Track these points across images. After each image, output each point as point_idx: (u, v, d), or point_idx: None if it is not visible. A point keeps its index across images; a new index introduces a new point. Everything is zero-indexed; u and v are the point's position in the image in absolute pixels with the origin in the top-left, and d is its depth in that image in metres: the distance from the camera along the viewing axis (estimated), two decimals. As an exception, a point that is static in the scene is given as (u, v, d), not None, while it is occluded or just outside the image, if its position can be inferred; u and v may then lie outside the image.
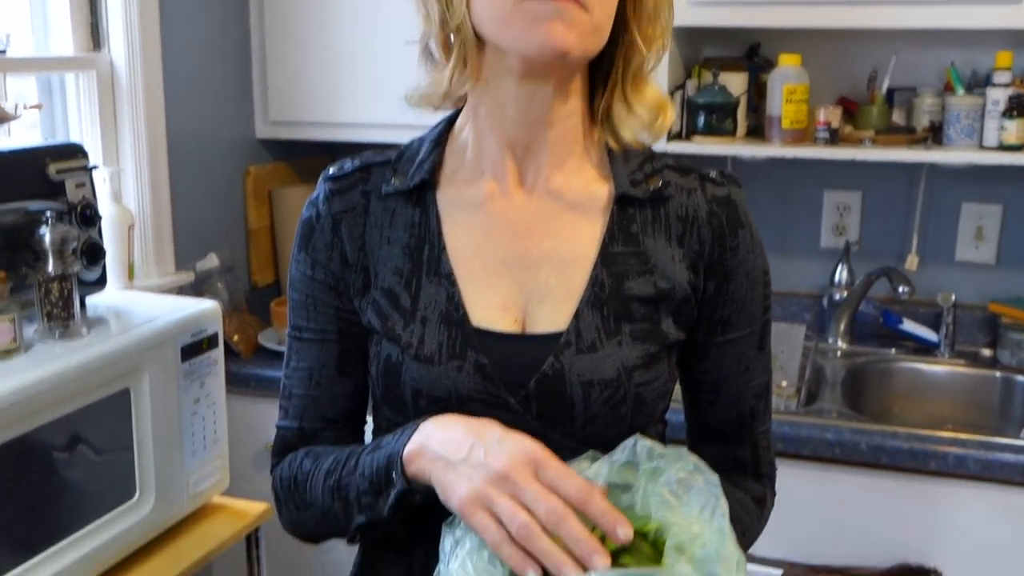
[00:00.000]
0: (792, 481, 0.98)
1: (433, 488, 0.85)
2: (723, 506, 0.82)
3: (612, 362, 0.92)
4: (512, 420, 0.91)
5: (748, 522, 1.01)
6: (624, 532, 0.80)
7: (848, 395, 2.03)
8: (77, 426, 1.37)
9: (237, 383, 2.12)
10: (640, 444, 0.88)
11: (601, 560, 0.79)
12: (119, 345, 1.40)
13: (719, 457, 1.03)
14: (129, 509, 1.44)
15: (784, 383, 1.99)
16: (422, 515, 0.90)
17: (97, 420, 1.40)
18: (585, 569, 0.79)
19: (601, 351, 0.92)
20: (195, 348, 1.53)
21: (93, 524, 1.38)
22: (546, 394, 0.92)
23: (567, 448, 0.92)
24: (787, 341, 2.10)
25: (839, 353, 2.22)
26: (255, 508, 1.61)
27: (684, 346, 0.99)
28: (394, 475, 0.87)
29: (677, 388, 1.03)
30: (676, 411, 1.05)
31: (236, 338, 2.20)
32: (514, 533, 0.79)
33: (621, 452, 0.88)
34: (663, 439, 1.04)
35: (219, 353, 1.59)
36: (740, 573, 0.79)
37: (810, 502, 1.81)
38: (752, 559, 1.27)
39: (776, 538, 1.08)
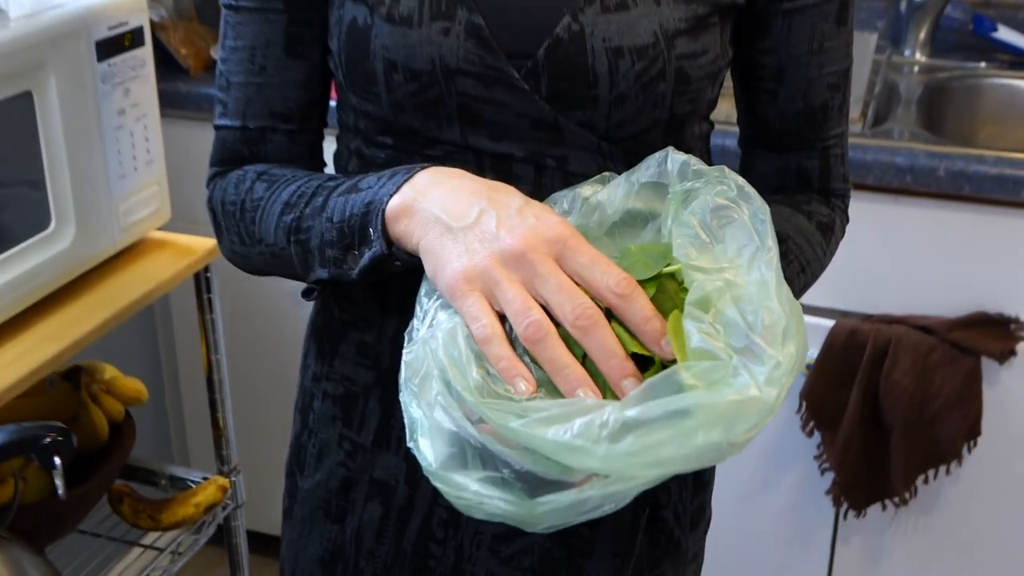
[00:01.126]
0: (853, 215, 0.91)
1: (418, 256, 0.74)
2: (770, 249, 0.69)
3: (648, 24, 0.80)
4: (515, 102, 0.81)
5: (810, 256, 0.91)
6: (670, 348, 0.67)
7: (925, 116, 1.91)
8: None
9: (186, 105, 2.00)
10: (672, 158, 0.75)
11: (635, 386, 0.66)
12: (15, 35, 1.25)
13: (778, 171, 0.95)
14: (44, 241, 1.33)
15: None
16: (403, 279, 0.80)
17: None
18: (604, 394, 0.67)
19: (634, 10, 0.80)
20: (114, 45, 1.38)
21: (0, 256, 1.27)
22: (561, 66, 0.81)
23: (587, 146, 0.82)
24: (855, 53, 1.96)
25: (916, 68, 2.09)
26: (204, 244, 1.51)
27: (741, 16, 0.87)
28: (371, 232, 0.77)
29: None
30: (722, 133, 0.91)
31: (183, 51, 2.05)
32: (520, 332, 0.68)
33: (645, 169, 0.76)
34: (707, 146, 0.93)
35: (146, 54, 1.44)
36: (790, 343, 0.66)
37: (871, 240, 1.73)
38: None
39: (827, 282, 1.01)
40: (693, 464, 0.64)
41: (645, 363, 0.69)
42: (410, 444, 0.69)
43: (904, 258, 1.74)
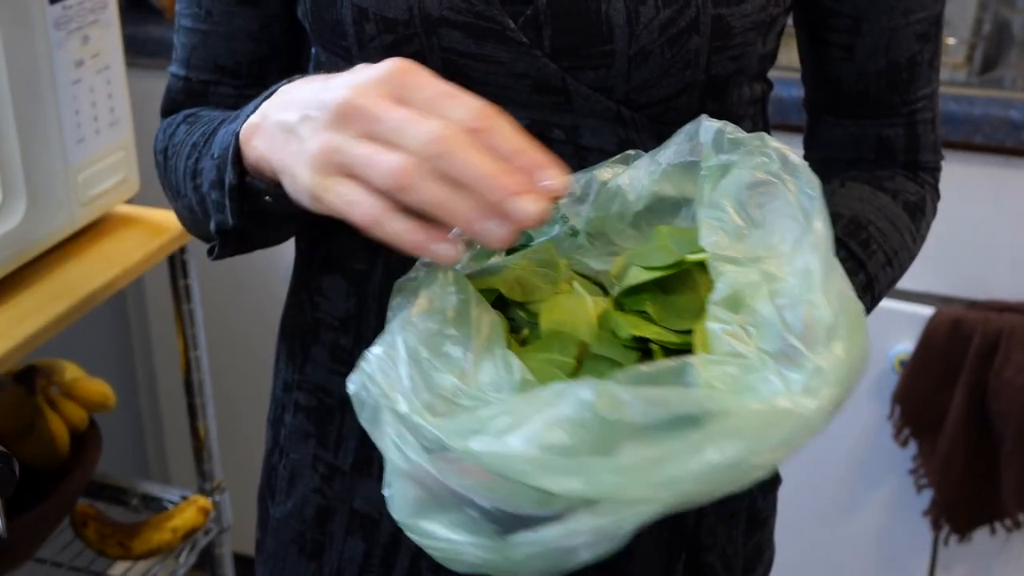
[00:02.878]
0: (955, 181, 0.88)
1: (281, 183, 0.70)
2: (818, 231, 0.65)
3: None
4: (512, 59, 0.78)
5: (897, 244, 0.88)
6: (557, 180, 0.62)
7: None
8: None
9: (159, 53, 2.00)
10: (705, 127, 0.72)
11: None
12: (-53, -26, 1.23)
13: (853, 140, 0.93)
14: (-10, 218, 1.32)
15: (951, 41, 1.83)
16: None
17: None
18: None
19: None
20: (69, -16, 1.36)
21: (-63, 239, 1.26)
22: (567, 14, 0.77)
23: (603, 113, 0.79)
24: None
25: None
26: (176, 222, 1.48)
27: None
28: (228, 165, 0.74)
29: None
30: (785, 81, 0.86)
31: None
32: (384, 182, 0.62)
33: (675, 146, 0.73)
34: (762, 111, 0.91)
35: (109, -6, 1.41)
36: (838, 345, 0.61)
37: (978, 210, 1.71)
38: (892, 293, 1.16)
39: (924, 262, 0.99)
40: (705, 487, 0.58)
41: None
42: (384, 491, 0.66)
43: (1020, 232, 1.71)
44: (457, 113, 0.63)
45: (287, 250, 0.94)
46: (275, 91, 0.74)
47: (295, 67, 0.94)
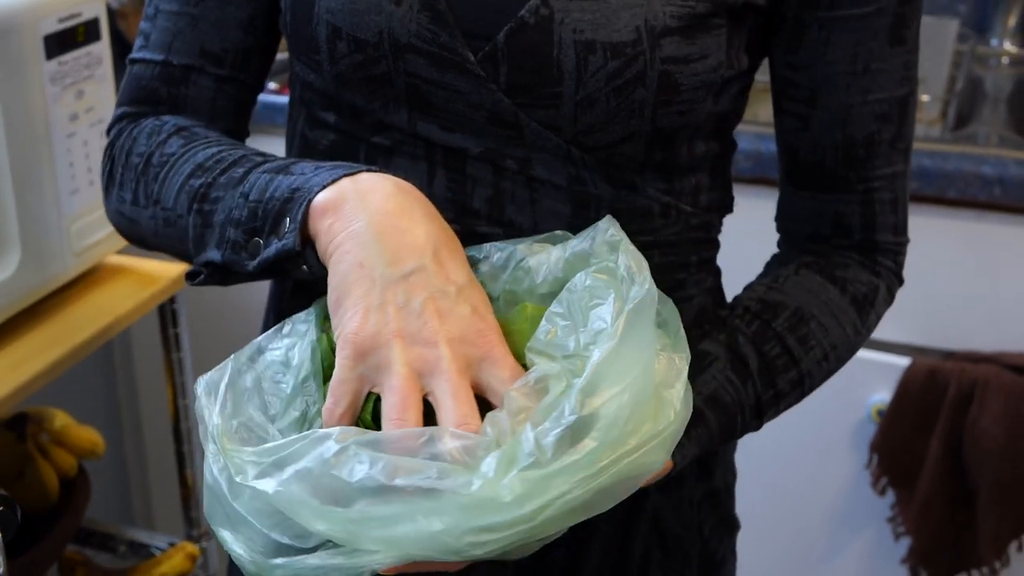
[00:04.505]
0: (930, 234, 0.89)
1: (326, 271, 0.76)
2: (611, 344, 0.70)
3: (630, 18, 0.80)
4: (470, 90, 0.82)
5: (837, 338, 0.92)
6: None
7: (1016, 117, 1.90)
8: None
9: None
10: (601, 227, 0.79)
11: None
12: (-52, 31, 1.26)
13: (811, 215, 0.94)
14: (-15, 268, 1.34)
15: (925, 98, 1.87)
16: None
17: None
18: None
19: None
20: (66, 40, 1.39)
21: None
22: (523, 54, 0.81)
23: (552, 150, 0.84)
24: (932, 43, 1.97)
25: (1006, 59, 2.09)
26: (169, 271, 1.52)
27: (768, 21, 0.87)
28: (287, 222, 0.77)
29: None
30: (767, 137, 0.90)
31: (124, 11, 2.06)
32: (392, 421, 0.71)
33: (582, 238, 0.80)
34: (720, 170, 0.93)
35: (103, 49, 1.45)
36: (585, 451, 0.68)
37: (953, 263, 1.72)
38: (869, 344, 1.19)
39: (900, 313, 0.99)
40: (427, 552, 0.67)
41: None
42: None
43: (992, 284, 1.73)
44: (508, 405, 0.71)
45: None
46: (358, 172, 0.77)
47: (269, 65, 0.96)
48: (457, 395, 0.70)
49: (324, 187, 0.76)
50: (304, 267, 0.77)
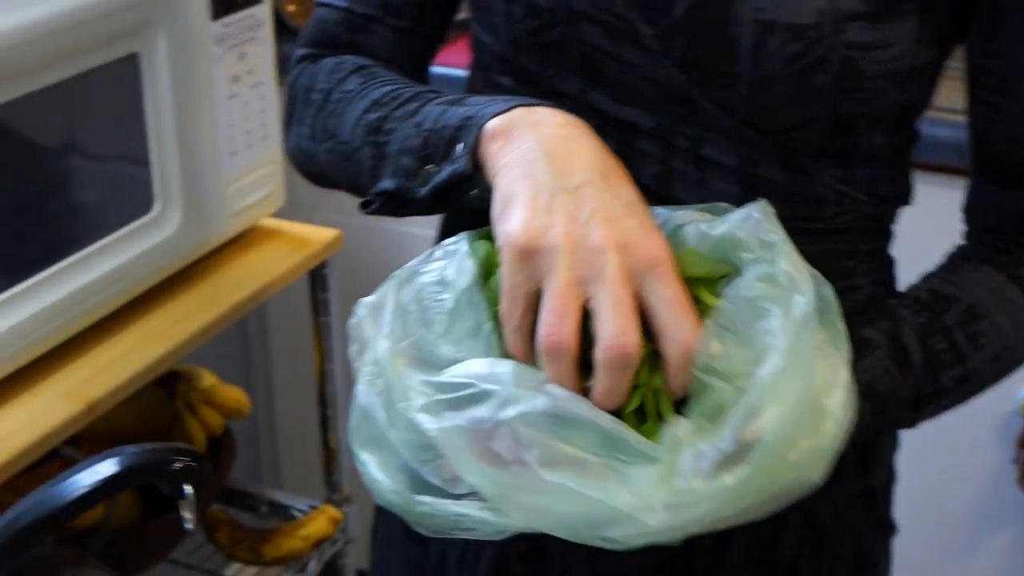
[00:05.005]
0: None
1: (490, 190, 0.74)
2: (777, 367, 0.67)
3: (814, 1, 0.77)
4: (643, 63, 0.81)
5: (1012, 340, 0.87)
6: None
7: None
8: (66, 105, 1.26)
9: (281, 71, 2.01)
10: (754, 218, 0.74)
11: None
12: (121, -11, 1.27)
13: (995, 208, 0.90)
14: (147, 226, 1.36)
15: None
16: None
17: (94, 99, 1.29)
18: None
19: None
20: (230, 1, 1.39)
21: (96, 244, 1.30)
22: (700, 30, 0.80)
23: (725, 131, 0.81)
24: None
25: None
26: (322, 235, 1.52)
27: (966, 6, 0.83)
28: (460, 146, 0.77)
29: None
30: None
31: (290, 8, 2.08)
32: (541, 333, 0.69)
33: (733, 220, 0.76)
34: (901, 161, 0.90)
35: (264, 12, 1.46)
36: (737, 478, 0.67)
37: None
38: None
39: None
40: (563, 533, 0.67)
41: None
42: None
43: None
44: (676, 331, 0.69)
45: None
46: (532, 105, 0.76)
47: (448, 20, 0.97)
48: (618, 306, 0.67)
49: (497, 115, 0.75)
50: (473, 192, 0.77)
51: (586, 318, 0.68)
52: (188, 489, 0.84)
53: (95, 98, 1.29)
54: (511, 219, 0.70)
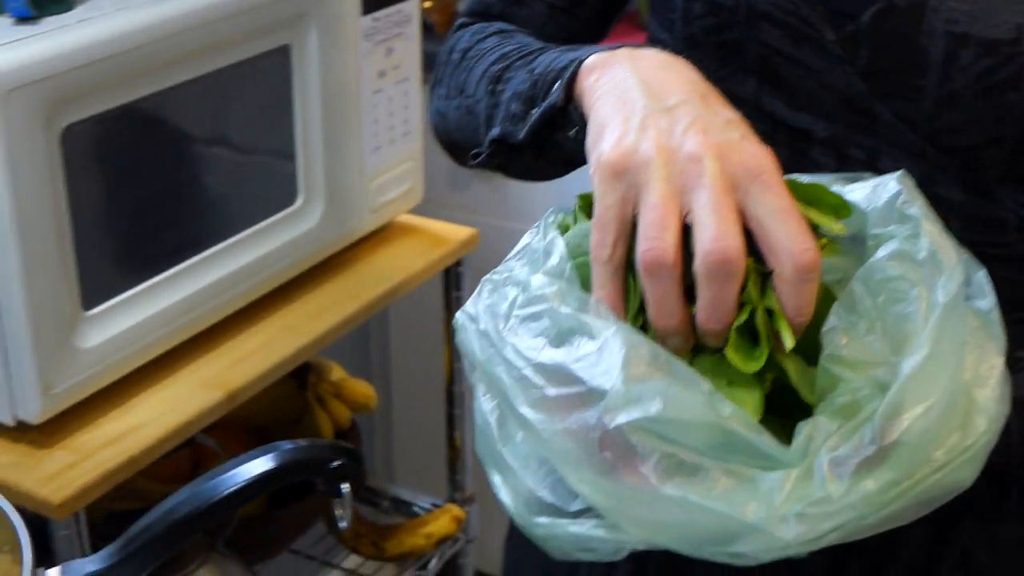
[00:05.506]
0: None
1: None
2: (923, 356, 0.61)
3: (1010, 14, 0.74)
4: (823, 68, 0.78)
5: None
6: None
7: None
8: (217, 95, 1.27)
9: (431, 68, 2.01)
10: (890, 186, 0.68)
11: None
12: (275, -19, 1.27)
13: None
14: (290, 218, 1.36)
15: None
16: None
17: (244, 90, 1.30)
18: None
19: None
20: (380, -4, 1.39)
21: (240, 235, 1.31)
22: (887, 39, 0.76)
23: (906, 146, 0.77)
24: None
25: None
26: (458, 233, 1.51)
27: None
28: (558, 84, 0.74)
29: None
30: None
31: (427, 5, 2.08)
32: (639, 250, 0.63)
33: (867, 185, 0.70)
34: None
35: (412, 7, 1.45)
36: (878, 483, 0.60)
37: None
38: None
39: None
40: (684, 549, 0.62)
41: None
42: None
43: None
44: (788, 243, 0.62)
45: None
46: (630, 48, 0.74)
47: (611, 10, 0.96)
48: (717, 210, 0.62)
49: (599, 52, 0.73)
50: (571, 133, 0.74)
51: (688, 240, 0.62)
52: (345, 487, 0.83)
53: (245, 89, 1.30)
54: (603, 141, 0.66)
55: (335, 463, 0.82)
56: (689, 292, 0.63)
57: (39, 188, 1.07)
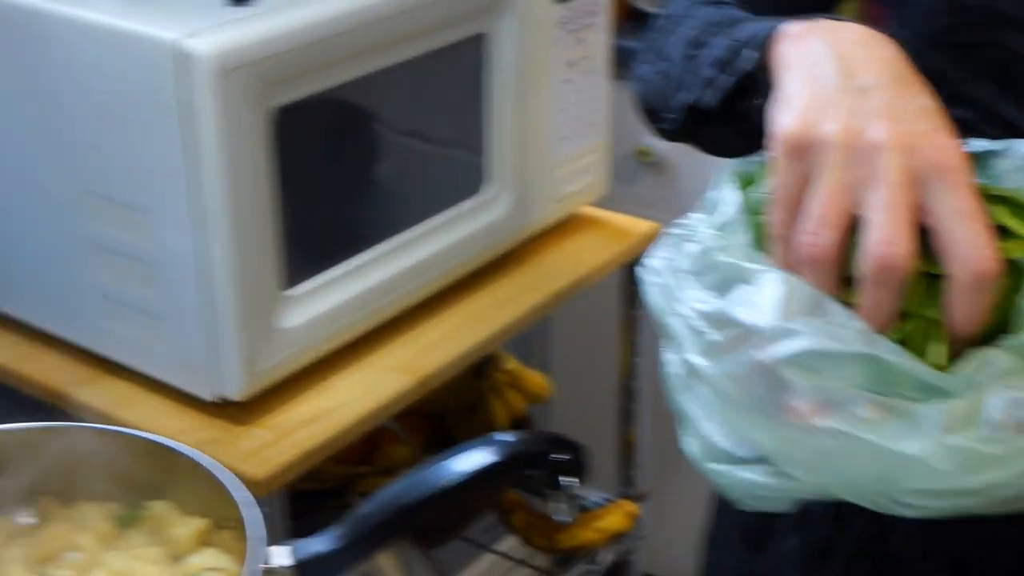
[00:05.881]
0: None
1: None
2: None
3: None
4: None
5: None
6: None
7: None
8: (411, 83, 1.27)
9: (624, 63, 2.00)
10: None
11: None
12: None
13: None
14: (476, 207, 1.36)
15: None
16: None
17: (438, 78, 1.30)
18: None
19: None
20: (572, -16, 1.38)
21: (429, 222, 1.31)
22: None
23: None
24: None
25: None
26: (640, 227, 1.49)
27: None
28: (751, 49, 0.72)
29: None
30: None
31: None
32: (800, 239, 0.61)
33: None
34: None
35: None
36: None
37: None
38: None
39: None
40: (857, 501, 0.61)
41: None
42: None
43: None
44: (965, 248, 0.59)
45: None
46: (840, 20, 0.71)
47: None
48: (891, 210, 0.59)
49: (799, 22, 0.70)
50: (759, 101, 0.70)
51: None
52: (566, 482, 0.81)
53: (439, 77, 1.30)
54: (786, 113, 0.64)
55: (557, 457, 0.81)
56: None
57: (250, 168, 1.09)
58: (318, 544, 0.79)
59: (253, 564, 0.73)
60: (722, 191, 0.69)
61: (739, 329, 0.61)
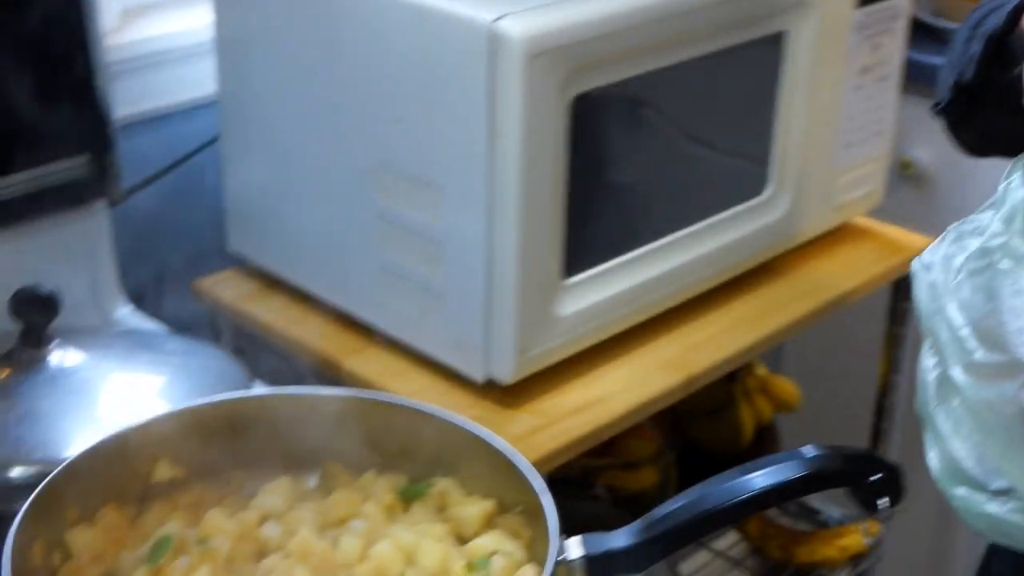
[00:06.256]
0: None
1: None
2: None
3: None
4: None
5: None
6: None
7: None
8: (705, 79, 1.24)
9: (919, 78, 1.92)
10: None
11: None
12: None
13: None
14: (755, 209, 1.33)
15: None
16: None
17: (730, 75, 1.27)
18: None
19: None
20: (876, -11, 1.34)
21: (707, 220, 1.29)
22: None
23: None
24: None
25: None
26: (914, 241, 1.43)
27: None
28: (1004, 11, 0.71)
29: None
30: None
31: None
32: None
33: None
34: None
35: (903, 4, 1.39)
36: None
37: None
38: None
39: None
40: None
41: None
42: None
43: None
44: None
45: None
46: None
47: None
48: None
49: None
50: (1016, 67, 0.68)
51: None
52: (883, 502, 0.78)
53: (732, 74, 1.27)
54: None
55: (872, 476, 0.78)
56: None
57: (547, 154, 1.08)
58: (613, 540, 0.78)
59: (553, 555, 0.73)
60: (1011, 181, 0.65)
61: (1009, 357, 0.57)
